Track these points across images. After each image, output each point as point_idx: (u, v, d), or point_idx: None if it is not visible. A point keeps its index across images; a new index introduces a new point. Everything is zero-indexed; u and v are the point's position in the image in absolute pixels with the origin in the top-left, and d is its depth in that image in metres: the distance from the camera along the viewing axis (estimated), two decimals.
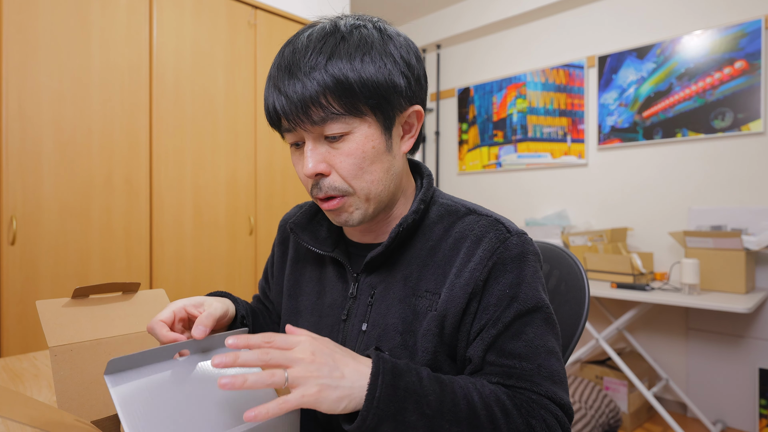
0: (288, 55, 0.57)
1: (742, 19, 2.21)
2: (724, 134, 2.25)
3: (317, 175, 0.59)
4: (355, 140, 0.57)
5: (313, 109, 0.55)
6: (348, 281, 0.68)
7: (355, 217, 0.62)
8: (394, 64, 0.58)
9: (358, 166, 0.58)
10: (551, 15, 2.90)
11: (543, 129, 2.92)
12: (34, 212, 1.63)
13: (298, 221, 0.72)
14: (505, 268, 0.59)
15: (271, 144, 2.34)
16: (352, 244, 0.71)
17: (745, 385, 2.17)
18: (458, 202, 0.68)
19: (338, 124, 0.56)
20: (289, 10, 2.40)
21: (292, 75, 0.55)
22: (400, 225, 0.62)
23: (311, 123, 0.56)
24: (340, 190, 0.59)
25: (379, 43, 0.57)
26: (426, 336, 0.60)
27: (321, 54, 0.55)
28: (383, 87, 0.56)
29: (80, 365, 0.62)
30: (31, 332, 1.63)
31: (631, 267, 2.13)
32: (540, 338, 0.58)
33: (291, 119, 0.56)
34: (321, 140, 0.58)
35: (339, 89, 0.54)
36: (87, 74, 1.75)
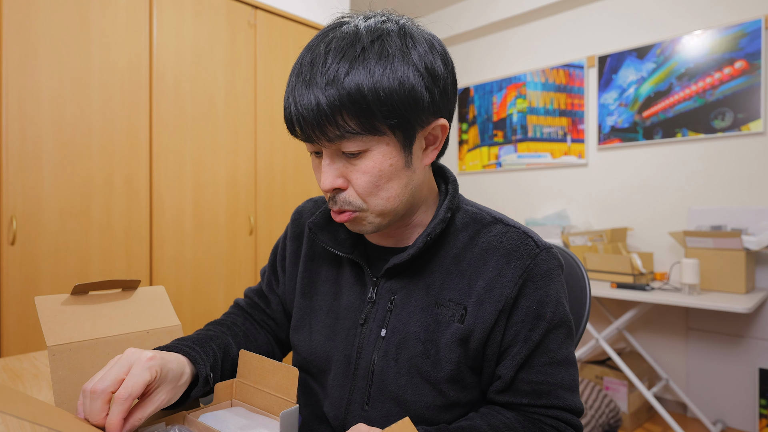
0: (306, 63, 0.54)
1: (742, 19, 2.21)
2: (724, 134, 2.25)
3: (334, 190, 0.58)
4: (372, 158, 0.55)
5: (328, 126, 0.52)
6: (366, 284, 0.67)
7: (368, 229, 0.61)
8: (418, 76, 0.54)
9: (374, 184, 0.56)
10: (551, 15, 2.90)
11: (543, 129, 2.92)
12: (34, 212, 1.63)
13: (317, 221, 0.69)
14: (534, 284, 0.59)
15: (271, 144, 2.34)
16: (372, 246, 0.69)
17: (745, 385, 2.17)
18: (483, 209, 0.67)
19: (355, 143, 0.54)
20: (289, 10, 2.40)
21: (308, 87, 0.52)
22: (428, 234, 0.61)
23: (327, 139, 0.54)
24: (354, 205, 0.58)
25: (402, 54, 0.53)
26: (449, 347, 0.59)
27: (339, 67, 0.51)
28: (404, 104, 0.53)
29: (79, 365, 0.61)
30: (31, 332, 1.63)
31: (631, 267, 2.13)
32: (562, 351, 0.60)
33: (306, 133, 0.54)
34: (339, 154, 0.56)
35: (355, 108, 0.51)
36: (87, 74, 1.75)
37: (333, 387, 0.66)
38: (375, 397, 0.63)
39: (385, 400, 0.62)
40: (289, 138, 2.42)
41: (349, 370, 0.65)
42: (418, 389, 0.61)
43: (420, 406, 0.61)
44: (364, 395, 0.63)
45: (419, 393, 0.61)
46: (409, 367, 0.61)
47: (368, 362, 0.63)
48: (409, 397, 0.61)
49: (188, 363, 0.58)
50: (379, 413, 0.62)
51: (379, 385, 0.62)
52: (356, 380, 0.64)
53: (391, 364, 0.62)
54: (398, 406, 0.61)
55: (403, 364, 0.61)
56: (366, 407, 0.63)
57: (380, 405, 0.62)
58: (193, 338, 0.65)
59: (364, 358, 0.64)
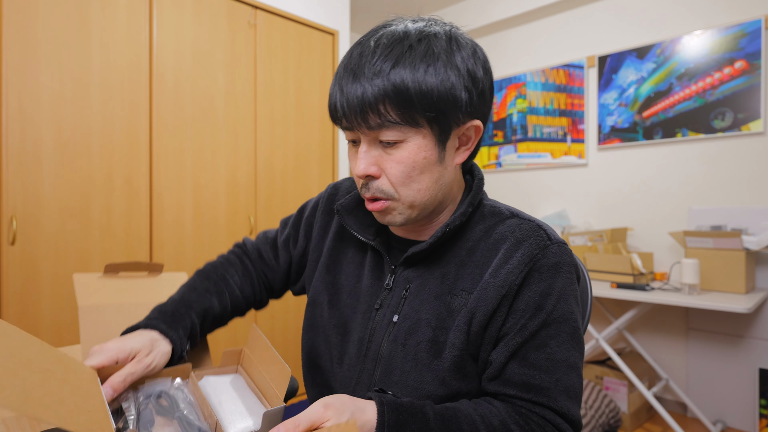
0: (355, 56, 0.58)
1: (742, 19, 2.21)
2: (724, 134, 2.25)
3: (367, 177, 0.60)
4: (408, 149, 0.58)
5: (370, 114, 0.56)
6: (384, 272, 0.69)
7: (397, 220, 0.63)
8: (458, 77, 0.57)
9: (407, 174, 0.59)
10: (551, 15, 2.90)
11: (543, 129, 2.92)
12: (34, 212, 1.63)
13: (346, 204, 0.72)
14: (540, 275, 0.59)
15: (271, 144, 2.34)
16: (394, 236, 0.72)
17: (745, 385, 2.17)
18: (503, 206, 0.69)
19: (393, 132, 0.57)
20: (289, 10, 2.40)
21: (356, 78, 0.56)
22: (447, 225, 0.63)
23: (367, 127, 0.57)
24: (386, 193, 0.60)
25: (446, 54, 0.57)
26: (456, 332, 0.61)
27: (386, 61, 0.55)
28: (443, 101, 0.56)
29: (103, 323, 0.70)
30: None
31: (631, 267, 2.13)
32: (563, 352, 0.59)
33: (349, 120, 0.58)
34: (376, 143, 0.59)
35: (398, 99, 0.55)
36: (87, 74, 1.74)
37: (345, 367, 0.69)
38: (381, 380, 0.65)
39: (390, 384, 0.64)
40: (289, 138, 2.42)
41: (360, 352, 0.68)
42: (421, 376, 0.62)
43: (421, 393, 0.62)
44: (371, 378, 0.66)
45: (422, 380, 0.62)
46: (415, 353, 0.63)
47: (378, 346, 0.66)
48: (411, 383, 0.62)
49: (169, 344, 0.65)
50: None
51: (386, 369, 0.65)
52: (366, 362, 0.67)
53: (399, 349, 0.64)
54: (401, 391, 0.63)
55: (410, 349, 0.63)
56: (372, 389, 0.65)
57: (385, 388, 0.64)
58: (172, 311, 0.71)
59: (375, 341, 0.67)
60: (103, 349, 0.58)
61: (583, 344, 0.62)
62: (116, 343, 0.59)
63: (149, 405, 0.56)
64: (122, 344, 0.59)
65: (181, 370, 0.64)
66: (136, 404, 0.56)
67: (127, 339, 0.61)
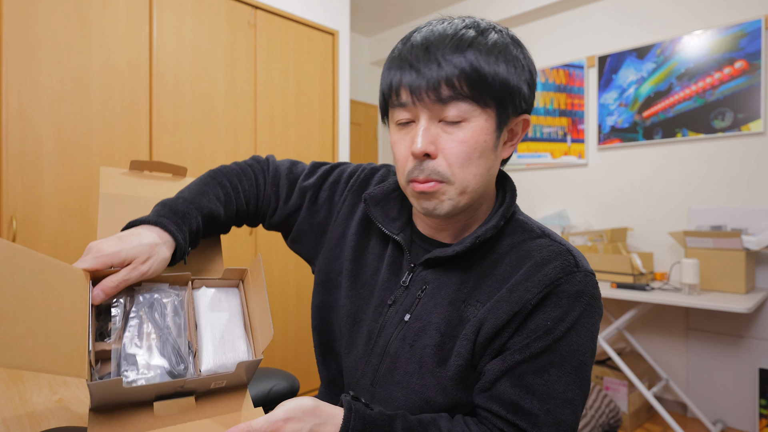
0: (426, 35, 0.58)
1: (742, 19, 2.21)
2: (724, 134, 2.25)
3: (425, 156, 0.58)
4: (471, 129, 0.57)
5: (443, 87, 0.55)
6: (402, 268, 0.69)
7: (444, 207, 0.60)
8: (522, 71, 0.59)
9: (467, 156, 0.58)
10: (551, 15, 2.90)
11: (543, 129, 2.92)
12: (34, 212, 1.63)
13: (375, 195, 0.71)
14: (558, 301, 0.58)
15: (271, 144, 2.34)
16: (418, 234, 0.71)
17: (745, 385, 2.17)
18: (534, 223, 0.67)
19: (460, 108, 0.56)
20: (289, 10, 2.40)
21: (430, 54, 0.56)
22: (476, 237, 0.62)
23: (436, 100, 0.56)
24: (441, 175, 0.58)
25: (513, 48, 0.59)
26: (463, 341, 0.60)
27: (461, 42, 0.56)
28: (509, 89, 0.58)
29: (120, 210, 0.70)
30: None
31: (631, 267, 2.13)
32: (562, 384, 0.56)
33: (416, 94, 0.57)
34: (435, 123, 0.58)
35: (474, 76, 0.55)
36: (87, 74, 1.74)
37: (352, 356, 0.70)
38: (384, 377, 0.65)
39: (392, 383, 0.64)
40: (289, 138, 2.42)
41: (368, 346, 0.68)
42: (423, 380, 0.61)
43: (422, 397, 0.61)
44: (375, 373, 0.66)
45: (424, 384, 0.61)
46: (421, 356, 0.62)
47: (386, 342, 0.66)
48: (413, 386, 0.62)
49: (170, 249, 0.61)
50: (384, 393, 0.64)
51: (390, 367, 0.64)
52: (372, 356, 0.67)
53: (406, 349, 0.63)
54: (402, 392, 0.63)
55: (417, 351, 0.62)
56: (374, 384, 0.66)
57: (387, 386, 0.64)
58: (183, 211, 0.66)
59: (383, 337, 0.66)
60: (99, 250, 0.54)
61: (589, 384, 0.59)
62: (113, 245, 0.55)
63: (140, 312, 0.56)
64: (119, 248, 0.55)
65: (180, 278, 0.62)
66: (124, 311, 0.55)
67: (126, 240, 0.56)
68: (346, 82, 2.74)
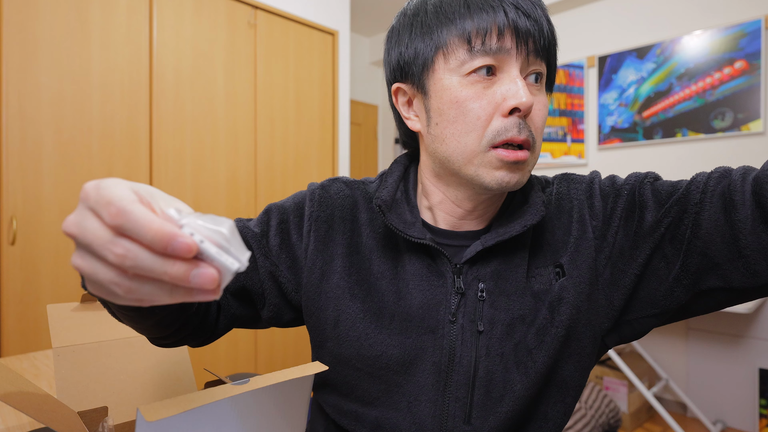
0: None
1: (742, 19, 2.21)
2: (724, 134, 2.25)
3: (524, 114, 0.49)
4: (544, 94, 0.53)
5: (550, 36, 0.51)
6: (445, 274, 0.55)
7: (523, 180, 0.52)
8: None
9: (544, 123, 0.52)
10: (551, 15, 2.90)
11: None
12: (34, 212, 1.63)
13: (384, 198, 0.57)
14: (595, 189, 0.57)
15: (271, 143, 2.34)
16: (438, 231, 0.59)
17: (745, 385, 2.17)
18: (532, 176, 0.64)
19: (543, 67, 0.52)
20: (289, 10, 2.40)
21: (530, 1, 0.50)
22: (544, 202, 0.56)
23: (539, 48, 0.50)
24: (534, 140, 0.51)
25: None
26: (565, 305, 0.53)
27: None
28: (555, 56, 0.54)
29: (81, 364, 0.64)
30: (31, 332, 1.63)
31: None
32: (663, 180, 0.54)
33: (522, 36, 0.48)
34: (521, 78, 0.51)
35: (551, 36, 0.51)
36: (87, 74, 1.75)
37: (422, 406, 0.54)
38: (482, 405, 0.53)
39: (494, 407, 0.53)
40: (288, 138, 2.42)
41: (440, 381, 0.54)
42: (531, 380, 0.53)
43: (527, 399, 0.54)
44: (467, 405, 0.53)
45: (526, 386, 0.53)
46: (516, 358, 0.53)
47: (469, 364, 0.53)
48: (518, 392, 0.53)
49: None
50: (493, 423, 0.53)
51: (486, 390, 0.53)
52: (451, 389, 0.54)
53: (497, 361, 0.53)
54: (514, 410, 0.53)
55: (509, 356, 0.53)
56: (472, 419, 0.53)
57: (491, 414, 0.53)
58: None
59: (460, 361, 0.53)
60: None
61: None
62: None
63: None
64: None
65: None
66: None
67: None
68: (346, 82, 2.74)
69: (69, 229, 0.29)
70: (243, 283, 0.59)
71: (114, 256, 0.27)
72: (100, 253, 0.28)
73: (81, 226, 0.28)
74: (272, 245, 0.61)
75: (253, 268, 0.60)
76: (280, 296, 0.61)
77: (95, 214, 0.28)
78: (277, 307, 0.62)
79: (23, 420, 0.75)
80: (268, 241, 0.61)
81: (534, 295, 0.54)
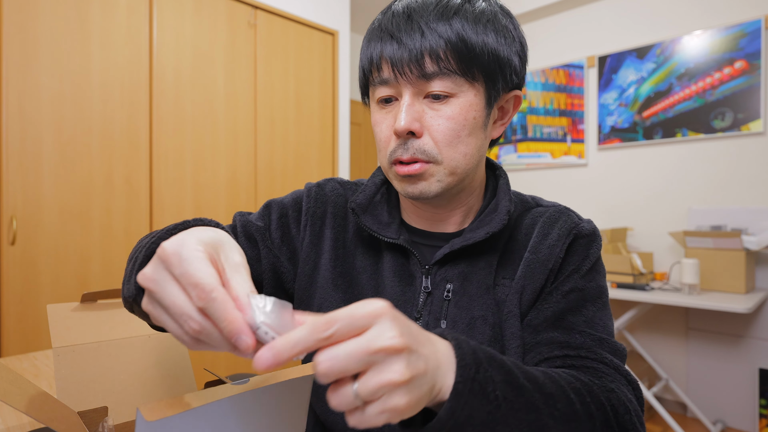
0: (408, 3, 0.54)
1: (742, 19, 2.21)
2: (724, 134, 2.25)
3: (409, 134, 0.53)
4: (459, 105, 0.53)
5: (428, 60, 0.51)
6: (415, 274, 0.60)
7: (433, 189, 0.55)
8: (513, 42, 0.56)
9: (456, 134, 0.53)
10: (551, 15, 2.90)
11: (543, 129, 2.92)
12: (34, 212, 1.63)
13: (361, 202, 0.62)
14: (578, 244, 0.59)
15: (271, 144, 2.34)
16: (416, 231, 0.64)
17: (745, 385, 2.17)
18: (524, 194, 0.68)
19: (447, 83, 0.52)
20: (289, 10, 2.40)
21: (413, 23, 0.52)
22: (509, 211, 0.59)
23: (420, 75, 0.52)
24: (428, 155, 0.54)
25: (502, 17, 0.55)
26: (512, 319, 0.57)
27: (446, 9, 0.52)
28: (500, 60, 0.54)
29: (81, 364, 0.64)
30: (31, 332, 1.63)
31: (631, 267, 2.13)
32: (600, 319, 0.57)
33: (398, 68, 0.52)
34: (419, 99, 0.54)
35: (461, 47, 0.51)
36: (87, 74, 1.75)
37: None
38: None
39: None
40: (288, 138, 2.42)
41: None
42: None
43: None
44: None
45: None
46: None
47: None
48: None
49: None
50: None
51: None
52: None
53: None
54: None
55: None
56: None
57: None
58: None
59: None
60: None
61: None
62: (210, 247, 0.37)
63: None
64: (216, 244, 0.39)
65: None
66: None
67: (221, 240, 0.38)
68: (346, 82, 2.74)
69: (147, 284, 0.33)
70: None
71: (189, 327, 0.32)
72: (176, 319, 0.32)
73: (161, 287, 0.33)
74: (274, 238, 0.65)
75: (256, 260, 0.64)
76: (278, 287, 0.66)
77: (180, 284, 0.32)
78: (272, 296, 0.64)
79: (23, 420, 0.75)
80: (271, 234, 0.66)
81: (497, 301, 0.58)
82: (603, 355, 0.53)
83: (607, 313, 0.58)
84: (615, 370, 0.53)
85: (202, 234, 0.36)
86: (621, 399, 0.49)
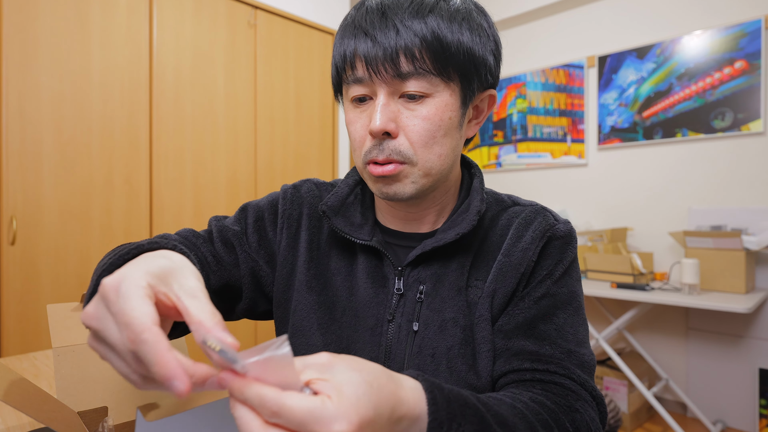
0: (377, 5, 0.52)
1: (742, 19, 2.21)
2: (724, 134, 2.25)
3: (384, 134, 0.52)
4: (435, 105, 0.52)
5: (403, 60, 0.50)
6: (388, 275, 0.60)
7: (407, 190, 0.55)
8: (488, 40, 0.55)
9: (431, 134, 0.53)
10: (551, 15, 2.90)
11: (543, 129, 2.92)
12: (34, 212, 1.63)
13: (332, 204, 0.62)
14: (553, 246, 0.58)
15: (271, 144, 2.34)
16: (390, 233, 0.63)
17: (745, 385, 2.17)
18: (500, 193, 0.67)
19: (423, 83, 0.51)
20: (289, 10, 2.40)
21: (387, 20, 0.50)
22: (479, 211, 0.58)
23: (395, 75, 0.51)
24: (403, 156, 0.53)
25: (477, 16, 0.55)
26: (483, 322, 0.57)
27: (421, 7, 0.51)
28: (475, 59, 0.53)
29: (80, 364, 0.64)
30: (31, 332, 1.63)
31: (631, 267, 2.13)
32: (571, 326, 0.56)
33: (373, 67, 0.51)
34: (394, 98, 0.53)
35: (436, 46, 0.50)
36: (87, 74, 1.75)
37: None
38: None
39: None
40: (288, 138, 2.42)
41: None
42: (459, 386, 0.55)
43: None
44: None
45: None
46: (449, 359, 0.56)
47: (401, 361, 0.57)
48: None
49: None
50: None
51: None
52: None
53: (428, 361, 0.56)
54: None
55: (441, 358, 0.56)
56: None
57: None
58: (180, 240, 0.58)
59: (395, 358, 0.57)
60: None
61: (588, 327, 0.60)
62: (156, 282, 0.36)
63: None
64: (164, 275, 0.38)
65: None
66: None
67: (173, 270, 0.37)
68: None
69: (89, 323, 0.32)
70: (226, 281, 0.62)
71: (130, 365, 0.31)
72: (119, 355, 0.31)
73: (102, 326, 0.32)
74: (251, 242, 0.65)
75: (234, 265, 0.63)
76: (257, 290, 0.65)
77: (116, 323, 0.31)
78: (252, 300, 0.65)
79: (23, 420, 0.75)
80: (248, 238, 0.65)
81: (468, 304, 0.58)
82: (571, 370, 0.54)
83: (578, 319, 0.58)
84: (581, 386, 0.53)
85: (151, 264, 0.34)
86: (585, 420, 0.50)
